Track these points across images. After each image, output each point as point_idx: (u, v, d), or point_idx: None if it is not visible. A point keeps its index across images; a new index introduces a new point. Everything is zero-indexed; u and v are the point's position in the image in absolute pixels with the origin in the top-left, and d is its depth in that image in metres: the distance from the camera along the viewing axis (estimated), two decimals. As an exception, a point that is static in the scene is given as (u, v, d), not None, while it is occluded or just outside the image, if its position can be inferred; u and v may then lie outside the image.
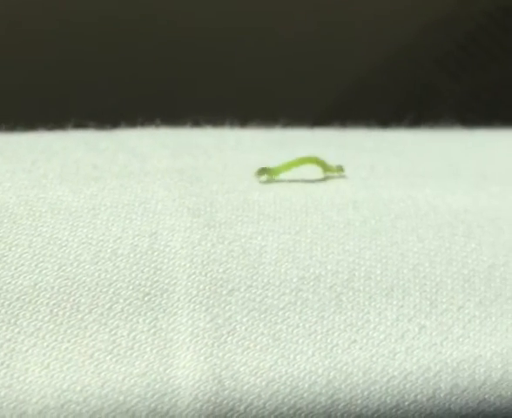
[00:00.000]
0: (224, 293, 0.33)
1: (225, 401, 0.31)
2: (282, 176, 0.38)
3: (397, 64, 0.62)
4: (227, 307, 0.32)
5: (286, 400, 0.31)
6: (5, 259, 0.32)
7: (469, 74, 0.60)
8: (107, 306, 0.32)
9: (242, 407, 0.31)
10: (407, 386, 0.32)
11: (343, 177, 0.39)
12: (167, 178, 0.37)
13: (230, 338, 0.32)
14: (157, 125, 0.41)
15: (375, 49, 0.60)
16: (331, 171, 0.38)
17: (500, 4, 0.59)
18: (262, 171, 0.37)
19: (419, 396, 0.32)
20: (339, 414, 0.31)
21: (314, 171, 0.38)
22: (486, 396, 0.32)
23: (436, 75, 0.61)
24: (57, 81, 0.60)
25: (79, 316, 0.31)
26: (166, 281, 0.33)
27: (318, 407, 0.31)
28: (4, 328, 0.31)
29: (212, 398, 0.31)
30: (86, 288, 0.32)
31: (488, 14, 0.59)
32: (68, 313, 0.31)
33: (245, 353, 0.31)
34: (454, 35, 0.60)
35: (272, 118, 0.44)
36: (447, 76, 0.61)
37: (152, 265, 0.33)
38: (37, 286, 0.32)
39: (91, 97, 0.55)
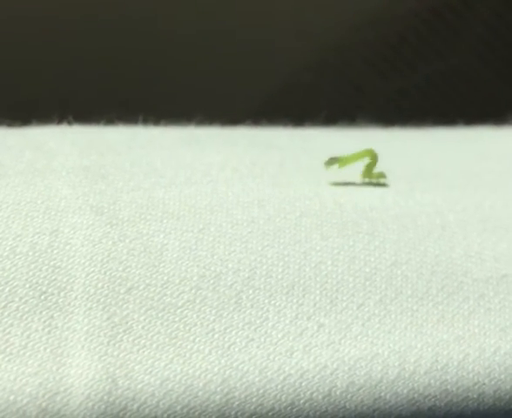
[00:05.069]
0: (122, 291, 0.32)
1: (117, 400, 0.30)
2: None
3: (327, 64, 0.62)
4: (125, 306, 0.32)
5: (179, 398, 0.31)
6: None
7: (398, 74, 0.61)
8: (2, 305, 0.31)
9: (135, 406, 0.30)
10: (303, 384, 0.32)
11: (383, 185, 0.39)
12: (72, 175, 0.36)
13: (126, 336, 0.31)
14: (69, 122, 0.41)
15: (304, 48, 0.60)
16: (370, 177, 0.39)
17: (428, 5, 0.59)
18: (331, 160, 0.38)
19: (314, 394, 0.32)
20: (233, 412, 0.31)
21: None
22: (382, 394, 0.32)
23: (366, 74, 0.61)
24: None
25: None
26: (64, 280, 0.32)
27: (212, 405, 0.31)
28: None
29: (105, 397, 0.30)
30: None
31: (416, 14, 0.59)
32: None
33: (141, 351, 0.31)
34: (383, 35, 0.60)
35: (203, 117, 0.44)
36: (376, 75, 0.61)
37: (51, 263, 0.33)
38: None
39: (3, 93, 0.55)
